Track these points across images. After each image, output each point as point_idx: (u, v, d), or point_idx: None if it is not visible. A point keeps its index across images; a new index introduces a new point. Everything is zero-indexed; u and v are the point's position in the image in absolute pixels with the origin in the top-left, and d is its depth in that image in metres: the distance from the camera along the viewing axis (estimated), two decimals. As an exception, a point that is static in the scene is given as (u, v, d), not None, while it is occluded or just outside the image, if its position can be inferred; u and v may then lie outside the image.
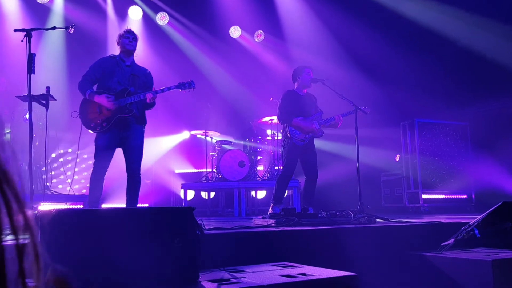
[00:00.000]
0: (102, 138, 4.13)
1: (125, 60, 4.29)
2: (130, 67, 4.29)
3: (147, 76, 4.42)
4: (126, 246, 1.97)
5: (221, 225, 3.47)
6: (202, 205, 8.16)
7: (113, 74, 4.18)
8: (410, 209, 7.40)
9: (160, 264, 2.00)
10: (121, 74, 4.20)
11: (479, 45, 7.17)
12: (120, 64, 4.25)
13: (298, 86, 5.19)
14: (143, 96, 4.12)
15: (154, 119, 8.48)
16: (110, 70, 4.20)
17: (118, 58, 4.28)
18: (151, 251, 2.00)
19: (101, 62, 4.26)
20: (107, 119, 4.08)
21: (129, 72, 4.25)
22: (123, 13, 8.94)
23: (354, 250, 2.99)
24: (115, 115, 4.07)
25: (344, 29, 8.22)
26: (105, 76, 4.19)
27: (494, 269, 2.53)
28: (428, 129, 7.56)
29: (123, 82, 4.17)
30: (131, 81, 4.22)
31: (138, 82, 4.27)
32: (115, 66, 4.22)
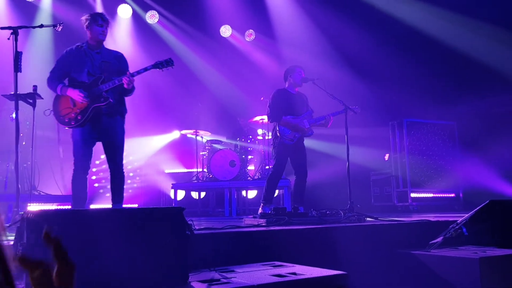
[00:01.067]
0: (78, 133, 3.89)
1: (92, 47, 4.00)
2: (99, 54, 4.01)
3: (120, 60, 4.13)
4: (115, 247, 1.95)
5: (211, 225, 3.47)
6: (192, 205, 8.13)
7: (82, 66, 3.92)
8: (399, 207, 7.46)
9: (149, 265, 1.98)
10: (91, 64, 3.94)
11: (465, 45, 7.26)
12: (89, 53, 3.97)
13: (289, 85, 5.21)
14: (119, 82, 3.84)
15: (144, 118, 8.47)
16: (78, 61, 3.94)
17: (85, 47, 3.99)
18: (141, 252, 1.99)
19: (68, 55, 3.99)
20: (82, 111, 3.85)
21: (100, 60, 3.98)
22: (112, 11, 8.87)
23: (344, 249, 3.00)
24: (90, 106, 3.83)
25: (334, 28, 8.26)
26: (75, 69, 3.93)
27: (481, 267, 2.56)
28: (416, 129, 7.63)
29: (93, 71, 3.92)
30: (102, 68, 3.95)
31: (111, 68, 3.99)
32: (84, 57, 3.95)
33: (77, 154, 3.91)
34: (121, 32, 9.04)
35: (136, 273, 1.94)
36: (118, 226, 2.01)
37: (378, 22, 8.14)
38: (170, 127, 9.03)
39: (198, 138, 7.90)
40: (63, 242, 0.72)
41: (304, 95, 5.30)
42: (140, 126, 8.30)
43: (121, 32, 9.03)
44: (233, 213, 6.93)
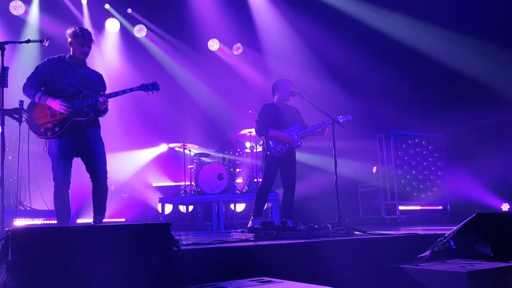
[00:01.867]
0: (56, 146, 3.78)
1: (75, 63, 3.98)
2: (82, 69, 3.98)
3: (100, 80, 4.10)
4: (101, 264, 1.92)
5: (199, 240, 3.43)
6: (180, 219, 8.07)
7: (64, 76, 3.85)
8: (387, 220, 7.48)
9: (136, 282, 1.95)
10: (73, 77, 3.87)
11: (451, 59, 7.38)
12: (72, 66, 3.92)
13: (277, 99, 5.25)
14: (95, 100, 3.80)
15: (131, 131, 8.43)
16: (60, 71, 3.86)
17: (69, 60, 3.95)
18: (127, 268, 1.96)
19: (50, 63, 3.91)
20: (60, 123, 3.75)
21: (81, 74, 3.95)
22: (100, 25, 8.87)
23: (332, 263, 2.99)
24: (69, 119, 3.75)
25: (321, 42, 8.35)
26: (55, 78, 3.85)
27: (469, 280, 2.56)
28: (403, 141, 7.70)
29: (75, 84, 3.85)
30: (84, 83, 3.91)
31: (91, 85, 3.96)
32: (66, 68, 3.89)
33: (57, 170, 3.82)
34: (109, 46, 9.03)
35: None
36: (103, 243, 1.98)
37: (364, 36, 8.26)
38: (157, 141, 8.99)
39: (186, 151, 7.87)
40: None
41: (294, 108, 5.33)
42: (128, 139, 8.26)
43: (108, 46, 9.02)
44: (221, 226, 6.89)
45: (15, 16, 8.06)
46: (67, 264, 1.85)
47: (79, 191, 7.26)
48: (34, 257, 1.82)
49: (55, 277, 1.81)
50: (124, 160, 8.08)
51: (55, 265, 1.84)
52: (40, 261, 1.82)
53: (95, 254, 1.93)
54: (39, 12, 8.20)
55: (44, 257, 1.83)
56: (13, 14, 8.03)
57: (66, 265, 1.85)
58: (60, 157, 3.81)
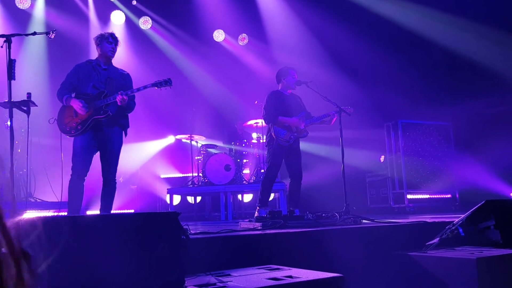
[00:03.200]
0: (79, 140, 4.05)
1: (101, 64, 4.22)
2: (106, 70, 4.22)
3: (125, 79, 4.33)
4: (111, 253, 1.94)
5: (207, 229, 3.45)
6: (188, 209, 8.11)
7: (89, 79, 4.13)
8: (395, 209, 7.46)
9: (145, 270, 1.97)
10: (97, 79, 4.14)
11: (459, 46, 7.29)
12: (97, 68, 4.19)
13: (282, 87, 5.17)
14: (113, 98, 4.03)
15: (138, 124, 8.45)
16: (86, 75, 4.15)
17: (95, 63, 4.22)
18: (136, 257, 1.98)
19: (77, 69, 4.21)
20: (82, 122, 4.03)
21: (106, 76, 4.19)
22: (105, 17, 8.86)
23: (340, 251, 2.99)
24: (90, 117, 4.03)
25: (327, 31, 8.28)
26: (81, 82, 4.14)
27: (478, 267, 2.56)
28: (411, 130, 7.65)
29: (99, 86, 4.12)
30: (107, 84, 4.15)
31: (115, 84, 4.18)
32: (91, 71, 4.16)
33: (76, 160, 4.03)
34: (115, 38, 9.03)
35: (131, 278, 1.93)
36: (113, 232, 2.00)
37: (371, 24, 8.18)
38: (165, 132, 9.01)
39: (193, 143, 7.89)
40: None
41: (298, 96, 5.28)
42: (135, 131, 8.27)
43: (114, 38, 9.02)
44: (229, 217, 6.92)
45: (21, 9, 8.08)
46: (76, 252, 1.87)
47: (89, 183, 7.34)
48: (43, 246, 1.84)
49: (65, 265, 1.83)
50: (132, 152, 8.11)
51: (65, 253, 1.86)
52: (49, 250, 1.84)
53: (105, 243, 1.95)
54: (45, 5, 8.21)
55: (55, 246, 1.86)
56: (19, 7, 8.05)
57: (75, 254, 1.87)
58: (81, 150, 4.04)
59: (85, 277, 1.83)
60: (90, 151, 4.08)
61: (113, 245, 1.96)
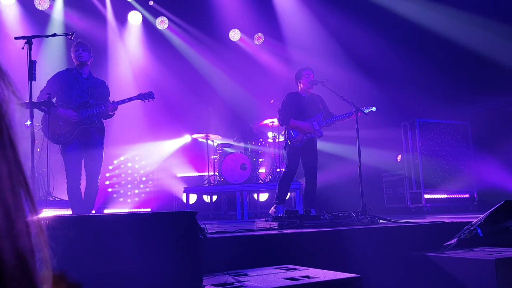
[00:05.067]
0: (68, 150, 4.30)
1: (81, 73, 4.46)
2: (87, 80, 4.48)
3: (103, 87, 4.62)
4: (129, 251, 1.97)
5: (224, 229, 3.47)
6: (204, 208, 8.16)
7: (71, 88, 4.35)
8: (412, 209, 7.39)
9: (163, 269, 2.00)
10: (79, 88, 4.38)
11: (477, 44, 7.18)
12: (78, 77, 4.43)
13: (301, 89, 5.27)
14: (105, 108, 4.33)
15: (156, 123, 8.54)
16: (68, 83, 4.37)
17: (75, 72, 4.45)
18: (154, 256, 2.01)
19: (58, 77, 4.43)
20: (70, 130, 4.26)
21: (87, 85, 4.44)
22: (122, 18, 8.97)
23: (357, 251, 2.99)
24: (78, 126, 4.28)
25: (344, 30, 8.23)
26: (64, 90, 4.35)
27: (497, 268, 2.52)
28: (429, 129, 7.56)
29: (82, 95, 4.36)
30: (89, 93, 4.42)
31: (96, 93, 4.48)
32: (73, 80, 4.40)
33: (69, 170, 4.33)
34: (132, 39, 9.13)
35: (149, 278, 1.95)
36: (131, 231, 2.03)
37: (387, 22, 8.10)
38: (181, 132, 9.07)
39: (209, 142, 7.93)
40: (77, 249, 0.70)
41: (319, 96, 5.33)
42: (152, 131, 8.38)
43: (131, 38, 9.13)
44: (245, 216, 6.94)
45: (40, 11, 8.22)
46: (94, 251, 1.91)
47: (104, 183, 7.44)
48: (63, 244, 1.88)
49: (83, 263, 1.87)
50: (149, 151, 8.21)
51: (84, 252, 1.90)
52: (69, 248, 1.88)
53: (123, 242, 1.98)
54: (63, 6, 8.34)
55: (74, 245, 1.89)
56: (38, 8, 8.19)
57: (94, 253, 1.90)
58: (72, 159, 4.33)
59: (102, 276, 1.87)
60: (79, 158, 4.37)
61: (131, 244, 1.99)
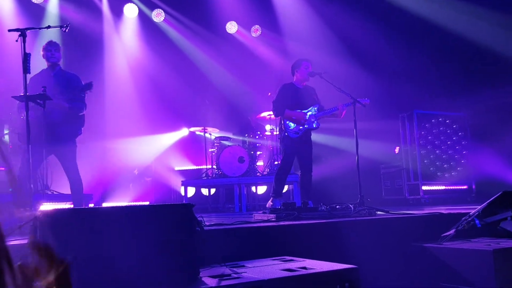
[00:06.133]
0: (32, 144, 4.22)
1: (50, 72, 4.56)
2: (54, 77, 4.55)
3: (70, 80, 4.63)
4: (126, 243, 1.96)
5: (221, 221, 3.47)
6: (203, 201, 8.16)
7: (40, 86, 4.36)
8: (410, 200, 7.40)
9: (160, 261, 1.99)
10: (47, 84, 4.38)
11: (476, 34, 7.15)
12: (47, 75, 4.55)
13: (296, 79, 5.21)
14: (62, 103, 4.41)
15: (153, 116, 8.51)
16: (39, 82, 4.44)
17: (44, 71, 4.61)
18: (151, 248, 2.00)
19: (33, 80, 4.52)
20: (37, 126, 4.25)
21: (54, 82, 4.51)
22: (118, 11, 8.90)
23: (354, 242, 2.98)
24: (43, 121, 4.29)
25: (341, 21, 8.19)
26: (36, 89, 4.36)
27: (495, 259, 2.52)
28: (427, 121, 7.55)
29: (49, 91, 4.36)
30: (56, 90, 4.47)
31: (61, 89, 4.52)
32: (43, 78, 4.52)
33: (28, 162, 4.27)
34: (128, 32, 9.06)
35: (146, 269, 1.94)
36: (129, 223, 2.02)
37: (385, 13, 8.06)
38: (178, 125, 9.06)
39: (206, 135, 7.91)
40: (49, 245, 0.70)
41: (312, 88, 5.29)
42: (149, 124, 8.36)
43: (127, 31, 9.06)
44: (243, 209, 6.94)
45: (35, 4, 8.15)
46: (92, 243, 1.90)
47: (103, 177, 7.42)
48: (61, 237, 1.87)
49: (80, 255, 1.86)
50: (147, 144, 8.19)
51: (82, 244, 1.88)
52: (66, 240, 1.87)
53: (120, 235, 1.97)
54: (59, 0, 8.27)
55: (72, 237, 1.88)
56: (33, 2, 8.12)
57: (92, 245, 1.89)
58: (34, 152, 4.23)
59: (100, 268, 1.86)
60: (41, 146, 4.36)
61: (128, 237, 1.98)
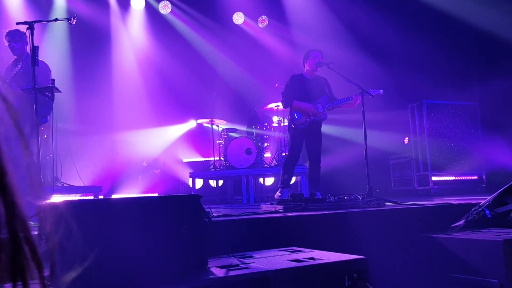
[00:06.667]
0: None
1: (17, 65, 4.54)
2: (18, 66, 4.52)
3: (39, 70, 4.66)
4: (136, 234, 1.97)
5: (229, 212, 3.48)
6: (211, 193, 8.17)
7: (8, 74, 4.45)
8: (420, 191, 7.36)
9: (169, 251, 2.00)
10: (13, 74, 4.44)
11: (486, 23, 7.03)
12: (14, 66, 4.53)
13: (306, 70, 5.21)
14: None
15: (160, 109, 8.52)
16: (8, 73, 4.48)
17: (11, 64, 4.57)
18: (160, 239, 2.01)
19: (5, 69, 4.54)
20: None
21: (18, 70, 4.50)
22: (125, 3, 8.88)
23: (363, 233, 2.97)
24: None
25: (349, 11, 8.11)
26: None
27: (505, 249, 2.50)
28: (437, 110, 7.47)
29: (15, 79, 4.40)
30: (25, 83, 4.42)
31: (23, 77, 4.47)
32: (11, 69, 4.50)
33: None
34: (135, 24, 9.06)
35: (155, 260, 1.95)
36: (138, 214, 2.03)
37: (393, 3, 7.96)
38: (186, 117, 9.06)
39: (214, 127, 7.91)
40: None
41: (324, 79, 5.27)
42: (157, 116, 8.38)
43: (134, 24, 9.05)
44: (251, 200, 6.95)
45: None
46: (102, 234, 1.91)
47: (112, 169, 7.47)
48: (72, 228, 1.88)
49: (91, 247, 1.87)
50: (155, 136, 8.21)
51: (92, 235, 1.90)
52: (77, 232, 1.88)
53: (129, 226, 1.98)
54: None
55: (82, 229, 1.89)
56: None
57: (101, 236, 1.90)
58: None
59: (110, 259, 1.87)
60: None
61: (137, 228, 1.99)
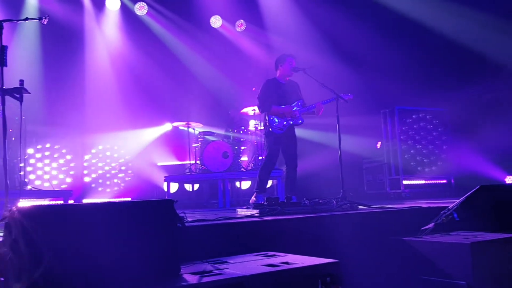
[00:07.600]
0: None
1: None
2: None
3: None
4: (107, 240, 1.94)
5: (204, 217, 3.46)
6: (186, 197, 8.11)
7: None
8: (391, 195, 7.50)
9: (140, 258, 1.97)
10: None
11: (455, 31, 7.26)
12: None
13: (279, 75, 5.18)
14: None
15: (135, 111, 8.41)
16: None
17: None
18: (131, 245, 1.98)
19: None
20: None
21: None
22: (100, 3, 8.74)
23: (337, 237, 3.01)
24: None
25: (324, 17, 8.21)
26: None
27: (473, 251, 2.58)
28: (408, 116, 7.67)
29: None
30: None
31: None
32: None
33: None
34: (110, 25, 8.92)
35: (127, 266, 1.93)
36: (109, 220, 1.99)
37: (367, 10, 8.11)
38: (161, 120, 8.97)
39: (190, 130, 7.86)
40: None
41: (296, 84, 5.28)
42: (131, 118, 8.26)
43: (109, 24, 8.92)
44: (227, 204, 6.93)
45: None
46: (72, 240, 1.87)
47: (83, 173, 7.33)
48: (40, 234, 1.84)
49: (61, 253, 1.83)
50: (129, 139, 8.10)
51: (62, 241, 1.85)
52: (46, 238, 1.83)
53: (100, 231, 1.94)
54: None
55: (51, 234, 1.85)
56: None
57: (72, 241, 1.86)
58: None
59: (80, 265, 1.83)
60: None
61: (108, 233, 1.96)
